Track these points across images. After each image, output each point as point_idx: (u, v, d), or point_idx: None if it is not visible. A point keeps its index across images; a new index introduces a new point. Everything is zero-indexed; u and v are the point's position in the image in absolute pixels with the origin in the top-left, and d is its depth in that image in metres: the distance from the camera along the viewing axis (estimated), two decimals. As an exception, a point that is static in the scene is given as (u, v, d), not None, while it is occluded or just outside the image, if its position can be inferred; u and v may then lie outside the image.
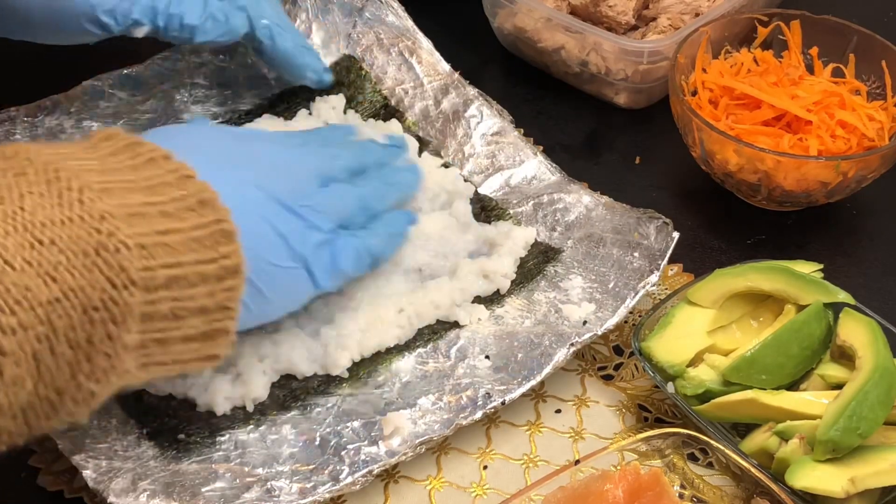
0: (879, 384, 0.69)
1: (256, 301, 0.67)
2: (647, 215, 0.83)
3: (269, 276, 0.67)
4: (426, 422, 0.72)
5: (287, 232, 0.68)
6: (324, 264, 0.71)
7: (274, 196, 0.68)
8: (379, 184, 0.78)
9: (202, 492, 0.68)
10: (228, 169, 0.68)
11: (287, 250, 0.68)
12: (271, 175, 0.70)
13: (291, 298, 0.71)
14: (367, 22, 0.99)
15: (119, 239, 0.57)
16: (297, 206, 0.69)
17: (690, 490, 0.71)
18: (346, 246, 0.72)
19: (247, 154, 0.72)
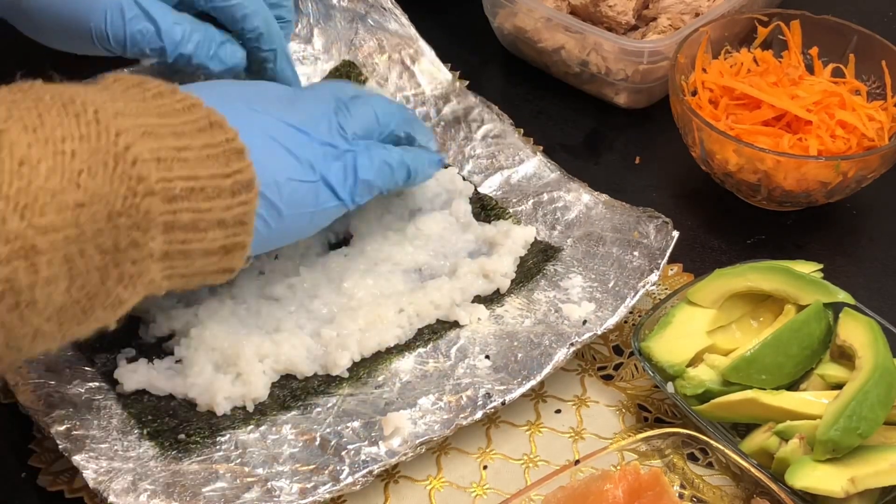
0: (879, 384, 0.69)
1: (273, 216, 0.69)
2: (647, 214, 0.83)
3: (284, 190, 0.70)
4: (426, 422, 0.72)
5: (297, 148, 0.71)
6: (341, 175, 0.73)
7: (283, 120, 0.72)
8: (400, 115, 0.81)
9: (202, 492, 0.68)
10: (233, 101, 0.71)
11: (299, 165, 0.71)
12: (280, 105, 0.73)
13: (315, 213, 0.73)
14: (370, 28, 1.00)
15: (136, 153, 0.59)
16: (309, 128, 0.72)
17: (690, 490, 0.71)
18: (366, 156, 0.75)
19: (251, 91, 0.75)
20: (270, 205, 0.69)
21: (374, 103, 0.79)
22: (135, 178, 0.59)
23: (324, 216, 0.75)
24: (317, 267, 0.81)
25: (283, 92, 0.77)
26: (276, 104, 0.74)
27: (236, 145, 0.65)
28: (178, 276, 0.64)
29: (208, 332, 0.76)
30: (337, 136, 0.74)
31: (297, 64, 0.99)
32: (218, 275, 0.67)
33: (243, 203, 0.65)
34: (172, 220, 0.61)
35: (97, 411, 0.72)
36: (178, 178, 0.61)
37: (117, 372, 0.74)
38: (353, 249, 0.83)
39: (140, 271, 0.61)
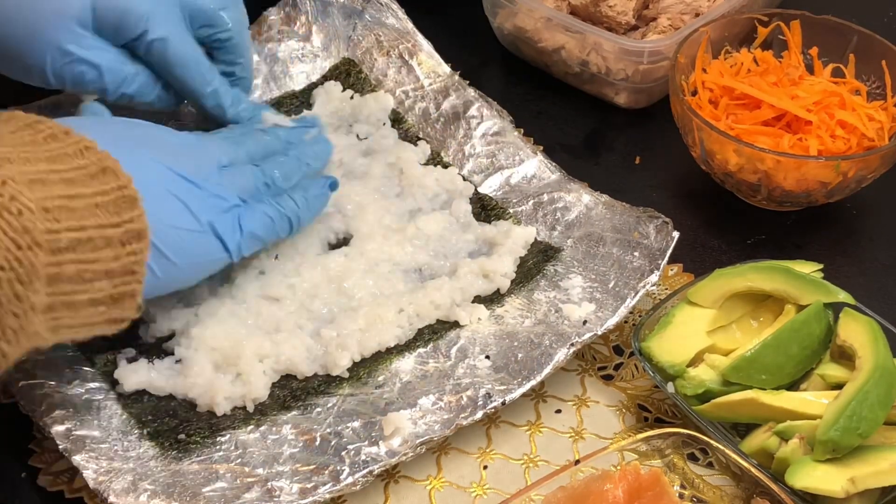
0: (879, 384, 0.69)
1: (162, 265, 0.68)
2: (647, 214, 0.83)
3: (175, 240, 0.69)
4: (426, 422, 0.72)
5: (189, 200, 0.70)
6: (231, 228, 0.73)
7: (174, 170, 0.70)
8: (286, 161, 0.80)
9: (202, 492, 0.68)
10: (129, 146, 0.69)
11: (190, 216, 0.70)
12: (171, 154, 0.72)
13: (202, 263, 0.73)
14: (367, 24, 1.00)
15: (21, 202, 0.58)
16: (200, 180, 0.71)
17: (690, 490, 0.71)
18: (254, 210, 0.75)
19: (146, 136, 0.73)
20: (160, 254, 0.68)
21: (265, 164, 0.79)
22: (20, 228, 0.57)
23: (211, 267, 0.74)
24: (317, 267, 0.81)
25: (180, 139, 0.76)
26: (172, 151, 0.72)
27: (129, 193, 0.63)
28: (64, 328, 0.62)
29: (208, 332, 0.76)
30: (226, 189, 0.73)
31: (297, 62, 0.99)
32: (108, 325, 0.64)
33: (133, 253, 0.63)
34: (57, 272, 0.59)
35: (97, 411, 0.72)
36: (65, 230, 0.59)
37: (117, 372, 0.74)
38: (353, 249, 0.83)
39: (22, 325, 0.58)
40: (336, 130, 0.94)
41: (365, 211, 0.85)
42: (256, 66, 0.98)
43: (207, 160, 0.74)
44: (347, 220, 0.85)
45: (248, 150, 0.79)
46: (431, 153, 0.92)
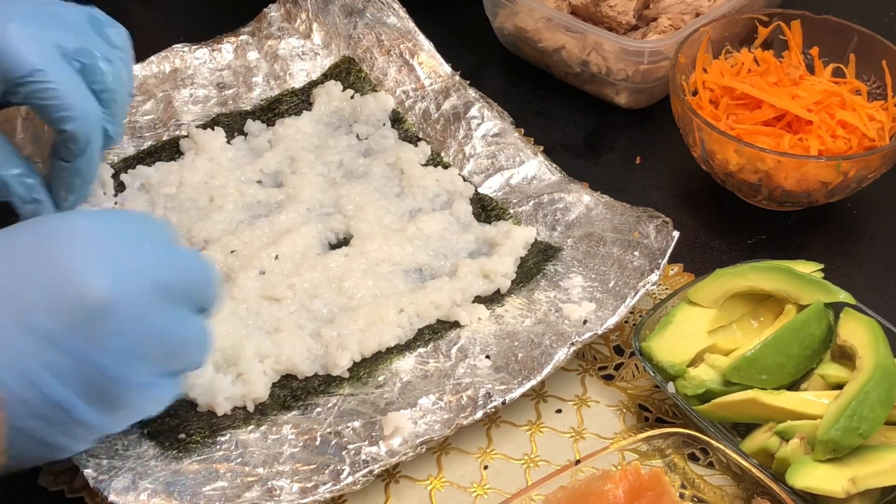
0: (880, 384, 0.69)
1: (18, 459, 0.62)
2: (647, 214, 0.83)
3: (36, 441, 0.62)
4: (427, 422, 0.72)
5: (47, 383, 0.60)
6: (117, 413, 0.64)
7: (64, 339, 0.60)
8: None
9: (203, 491, 0.68)
10: (11, 309, 0.60)
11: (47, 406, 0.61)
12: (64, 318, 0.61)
13: (68, 449, 0.64)
14: (368, 23, 1.00)
15: None
16: (94, 349, 0.61)
17: (691, 490, 0.71)
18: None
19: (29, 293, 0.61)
20: (16, 451, 0.61)
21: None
22: None
23: (84, 444, 0.65)
24: (317, 267, 0.81)
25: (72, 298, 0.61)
26: (57, 311, 0.60)
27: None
28: None
29: (208, 331, 0.76)
30: (124, 356, 0.62)
31: (297, 59, 0.99)
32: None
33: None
34: None
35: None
36: None
37: None
38: (353, 249, 0.83)
39: None
40: (336, 130, 0.94)
41: (365, 211, 0.85)
42: (256, 64, 0.98)
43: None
44: (347, 220, 0.85)
45: None
46: (432, 153, 0.92)
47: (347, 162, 0.91)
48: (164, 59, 0.96)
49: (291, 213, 0.85)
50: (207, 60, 0.98)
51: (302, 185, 0.87)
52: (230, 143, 0.92)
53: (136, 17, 1.14)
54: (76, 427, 0.62)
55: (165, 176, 0.88)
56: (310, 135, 0.93)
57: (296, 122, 0.93)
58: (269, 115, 0.95)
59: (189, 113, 0.94)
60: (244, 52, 0.99)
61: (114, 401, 0.63)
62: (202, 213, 0.86)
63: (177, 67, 0.96)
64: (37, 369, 0.60)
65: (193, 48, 0.98)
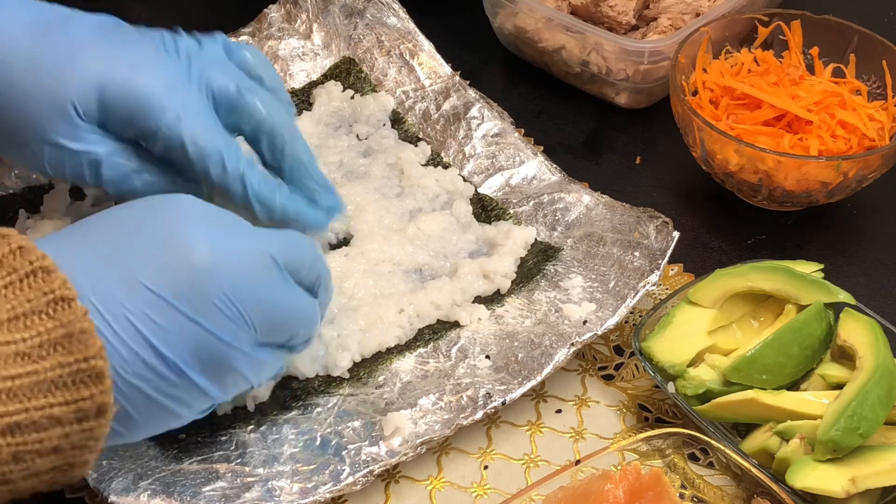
0: (880, 384, 0.69)
1: (126, 424, 0.60)
2: (647, 214, 0.83)
3: (145, 401, 0.60)
4: (427, 422, 0.72)
5: (166, 342, 0.60)
6: (217, 378, 0.63)
7: (166, 296, 0.60)
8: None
9: (203, 491, 0.68)
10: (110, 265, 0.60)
11: (167, 368, 0.60)
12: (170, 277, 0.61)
13: (178, 414, 0.63)
14: (368, 24, 1.00)
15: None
16: (195, 311, 0.61)
17: (691, 490, 0.71)
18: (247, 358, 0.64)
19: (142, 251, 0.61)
20: (127, 417, 0.60)
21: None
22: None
23: (194, 412, 0.64)
24: (317, 267, 0.81)
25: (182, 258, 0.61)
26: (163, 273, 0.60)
27: (94, 364, 0.55)
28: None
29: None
30: (229, 321, 0.61)
31: (298, 60, 0.99)
32: (54, 485, 0.57)
33: (87, 430, 0.56)
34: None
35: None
36: (6, 414, 0.53)
37: None
38: (353, 249, 0.83)
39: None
40: (336, 130, 0.94)
41: (365, 211, 0.85)
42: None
43: (226, 283, 0.62)
44: (347, 220, 0.85)
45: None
46: (432, 154, 0.92)
47: (347, 162, 0.91)
48: (165, 59, 0.96)
49: (291, 214, 0.85)
50: (207, 60, 0.97)
51: (302, 186, 0.87)
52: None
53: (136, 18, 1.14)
54: (185, 391, 0.61)
55: (166, 176, 0.88)
56: (310, 135, 0.93)
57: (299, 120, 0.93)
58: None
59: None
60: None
61: (220, 367, 0.62)
62: (202, 213, 0.86)
63: (177, 67, 0.96)
64: (144, 326, 0.59)
65: (193, 48, 0.98)
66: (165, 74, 0.71)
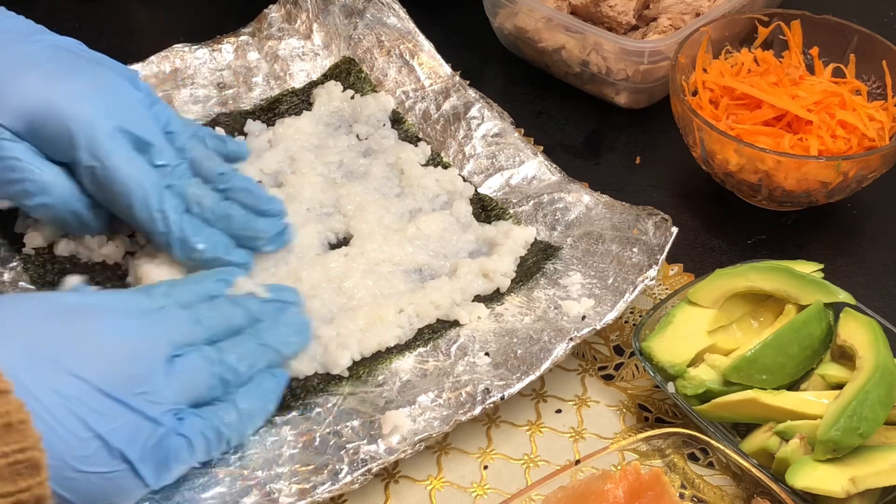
0: (880, 384, 0.69)
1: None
2: (646, 212, 0.83)
3: (81, 483, 0.61)
4: (425, 419, 0.72)
5: (108, 432, 0.61)
6: (155, 461, 0.64)
7: (98, 387, 0.61)
8: (250, 347, 0.71)
9: (201, 497, 0.68)
10: (45, 359, 0.61)
11: (107, 453, 0.61)
12: (100, 359, 0.63)
13: (111, 500, 0.64)
14: (368, 24, 1.00)
15: None
16: (129, 396, 0.62)
17: (691, 490, 0.71)
18: (189, 434, 0.66)
19: (74, 335, 0.63)
20: (64, 501, 0.60)
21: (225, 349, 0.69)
22: None
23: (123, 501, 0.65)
24: (317, 267, 0.81)
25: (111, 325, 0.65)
26: (96, 357, 0.62)
27: (31, 456, 0.55)
28: None
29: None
30: (160, 405, 0.64)
31: (298, 60, 0.99)
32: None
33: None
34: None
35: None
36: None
37: None
38: (353, 249, 0.83)
39: None
40: (336, 130, 0.94)
41: (365, 211, 0.85)
42: (256, 64, 0.98)
43: (149, 357, 0.65)
44: (347, 220, 0.85)
45: (209, 330, 0.69)
46: (431, 154, 0.92)
47: (347, 162, 0.91)
48: (164, 59, 0.96)
49: (291, 213, 0.85)
50: (207, 60, 0.98)
51: (302, 185, 0.87)
52: (230, 144, 0.93)
53: (136, 17, 1.14)
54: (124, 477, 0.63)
55: (165, 176, 0.88)
56: (310, 135, 0.93)
57: (296, 122, 0.93)
58: (269, 115, 0.95)
59: (189, 113, 0.94)
60: (244, 52, 0.99)
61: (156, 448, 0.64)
62: (202, 212, 0.86)
63: (177, 67, 0.96)
64: (85, 414, 0.60)
65: (193, 48, 0.98)
66: (105, 106, 0.74)
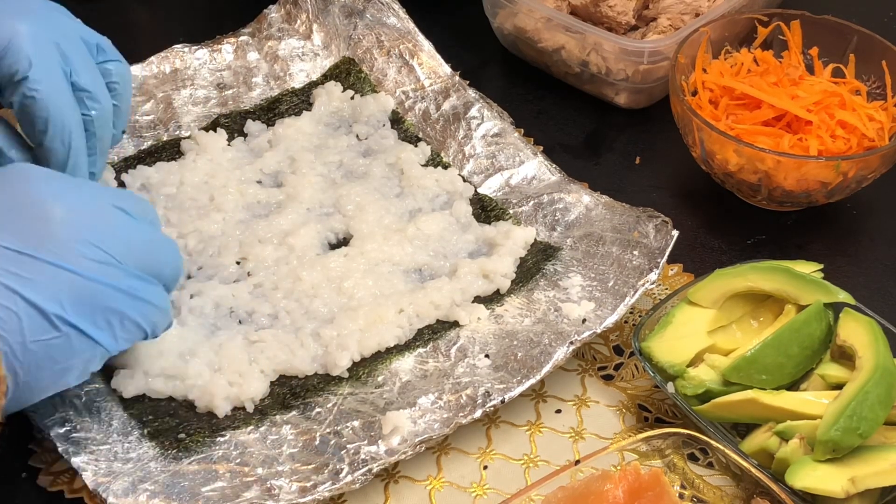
0: (879, 384, 0.69)
1: (22, 388, 0.62)
2: (647, 214, 0.83)
3: (34, 359, 0.62)
4: (426, 421, 0.72)
5: (42, 295, 0.62)
6: (101, 320, 0.64)
7: (32, 254, 0.62)
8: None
9: (202, 491, 0.68)
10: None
11: (43, 319, 0.62)
12: (19, 219, 0.64)
13: (69, 368, 0.64)
14: (368, 24, 1.00)
15: None
16: (62, 258, 0.63)
17: (690, 490, 0.71)
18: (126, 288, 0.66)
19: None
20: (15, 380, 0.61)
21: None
22: None
23: (85, 363, 0.65)
24: (317, 267, 0.81)
25: (37, 208, 0.64)
26: (23, 232, 0.63)
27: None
28: None
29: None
30: (92, 262, 0.64)
31: (297, 60, 0.99)
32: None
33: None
34: None
35: (97, 413, 0.72)
36: None
37: (114, 381, 0.74)
38: (353, 249, 0.83)
39: None
40: (336, 131, 0.94)
41: (365, 211, 0.85)
42: (256, 65, 0.98)
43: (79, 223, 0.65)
44: (347, 220, 0.85)
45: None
46: (431, 154, 0.92)
47: (347, 162, 0.91)
48: (164, 59, 0.96)
49: (291, 214, 0.85)
50: (207, 61, 0.98)
51: (302, 186, 0.87)
52: (230, 144, 0.92)
53: (136, 17, 1.14)
54: (69, 340, 0.63)
55: (166, 176, 0.88)
56: (310, 135, 0.93)
57: (296, 123, 0.93)
58: (269, 116, 0.95)
59: (189, 113, 0.94)
60: (244, 52, 0.99)
61: (98, 308, 0.63)
62: (202, 212, 0.86)
63: (177, 68, 0.96)
64: (12, 282, 0.61)
65: (193, 49, 0.98)
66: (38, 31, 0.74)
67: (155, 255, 0.68)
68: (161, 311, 0.68)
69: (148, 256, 0.67)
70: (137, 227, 0.67)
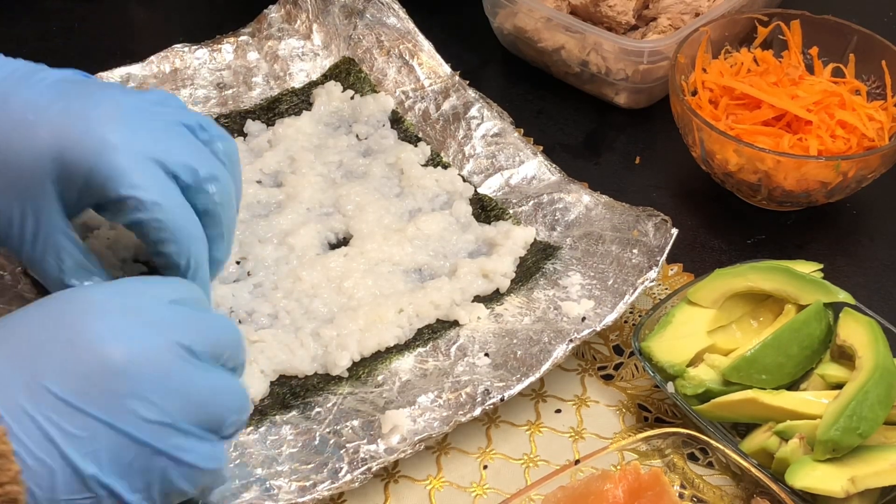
0: (879, 384, 0.69)
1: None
2: (646, 213, 0.83)
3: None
4: (425, 419, 0.72)
5: (81, 456, 0.57)
6: (151, 488, 0.59)
7: (70, 402, 0.56)
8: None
9: (201, 491, 0.68)
10: (25, 370, 0.57)
11: (77, 479, 0.57)
12: (79, 367, 0.57)
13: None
14: (368, 23, 1.00)
15: None
16: (111, 414, 0.57)
17: (690, 490, 0.71)
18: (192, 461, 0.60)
19: (63, 340, 0.58)
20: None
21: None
22: None
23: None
24: (316, 267, 0.81)
25: (92, 358, 0.57)
26: (70, 375, 0.56)
27: (10, 492, 0.52)
28: None
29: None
30: (145, 421, 0.57)
31: (297, 60, 0.99)
32: None
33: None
34: None
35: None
36: None
37: None
38: (353, 249, 0.83)
39: None
40: (336, 130, 0.94)
41: (365, 211, 0.85)
42: (256, 64, 0.98)
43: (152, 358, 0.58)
44: (347, 220, 0.85)
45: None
46: (431, 154, 0.92)
47: (347, 162, 0.91)
48: (164, 59, 0.96)
49: (291, 213, 0.85)
50: (207, 61, 0.98)
51: (302, 185, 0.87)
52: (230, 144, 0.92)
53: (135, 17, 1.14)
54: (104, 502, 0.57)
55: (165, 176, 0.88)
56: (310, 135, 0.93)
57: (295, 123, 0.93)
58: (269, 116, 0.95)
59: (189, 113, 0.94)
60: (244, 52, 0.99)
61: (144, 473, 0.58)
62: (202, 212, 0.86)
63: (177, 67, 0.96)
64: (55, 435, 0.55)
65: (193, 48, 0.98)
66: (132, 143, 0.66)
67: (217, 403, 0.61)
68: (212, 473, 0.61)
69: (208, 406, 0.60)
70: (203, 374, 0.60)
